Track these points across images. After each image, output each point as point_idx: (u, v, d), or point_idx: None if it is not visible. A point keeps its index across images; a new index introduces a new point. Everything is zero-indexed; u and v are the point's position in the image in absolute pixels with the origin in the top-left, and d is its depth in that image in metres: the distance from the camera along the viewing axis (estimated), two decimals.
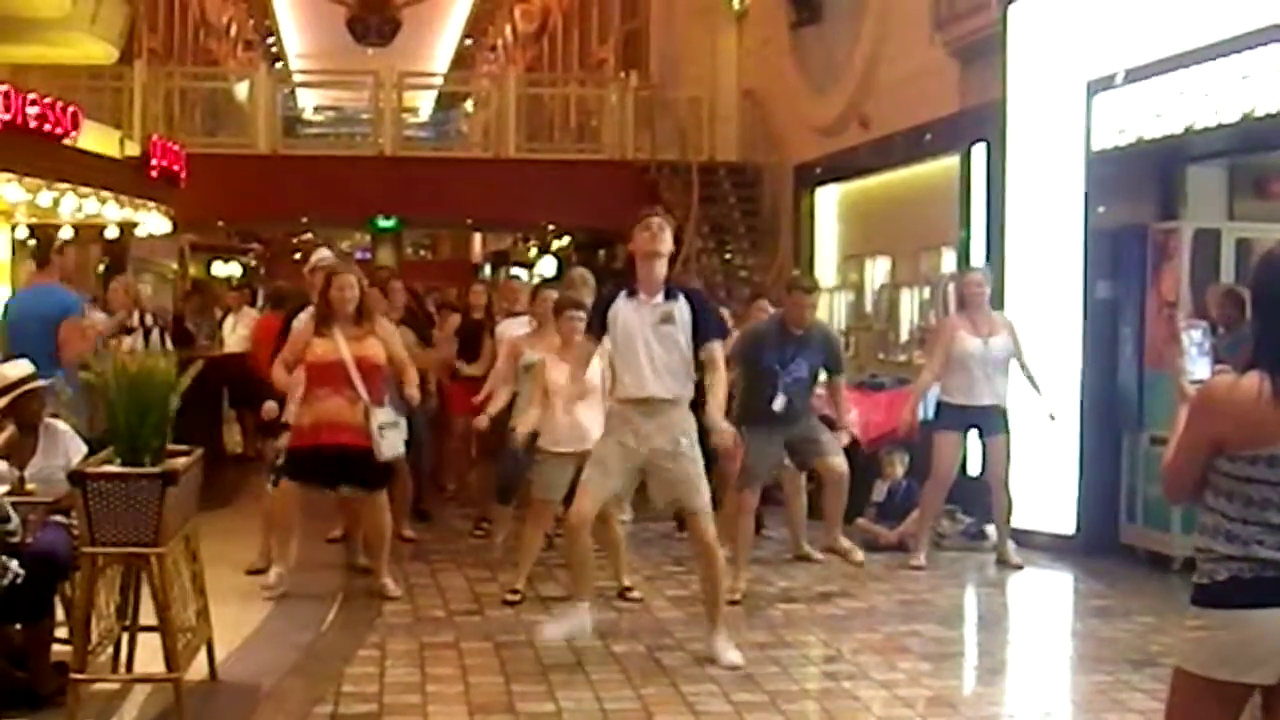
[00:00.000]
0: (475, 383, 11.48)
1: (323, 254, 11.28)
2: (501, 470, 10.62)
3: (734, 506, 10.05)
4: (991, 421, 10.94)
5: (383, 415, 9.31)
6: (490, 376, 10.89)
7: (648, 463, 7.92)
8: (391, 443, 9.37)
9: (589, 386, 8.74)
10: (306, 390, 9.33)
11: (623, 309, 7.94)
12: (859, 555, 9.96)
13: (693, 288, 8.54)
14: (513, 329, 11.21)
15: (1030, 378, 10.96)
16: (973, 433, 11.11)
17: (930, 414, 11.50)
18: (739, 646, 8.16)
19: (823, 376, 10.12)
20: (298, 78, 42.48)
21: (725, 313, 12.06)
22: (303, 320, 9.65)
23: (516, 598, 9.51)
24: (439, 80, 43.71)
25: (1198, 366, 4.40)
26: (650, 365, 7.84)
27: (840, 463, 9.98)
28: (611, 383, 8.34)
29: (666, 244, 7.98)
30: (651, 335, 7.86)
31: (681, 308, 7.93)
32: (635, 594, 9.65)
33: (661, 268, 7.96)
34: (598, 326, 8.09)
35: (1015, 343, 10.97)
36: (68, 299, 11.09)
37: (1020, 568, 10.92)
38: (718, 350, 8.10)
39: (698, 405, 8.07)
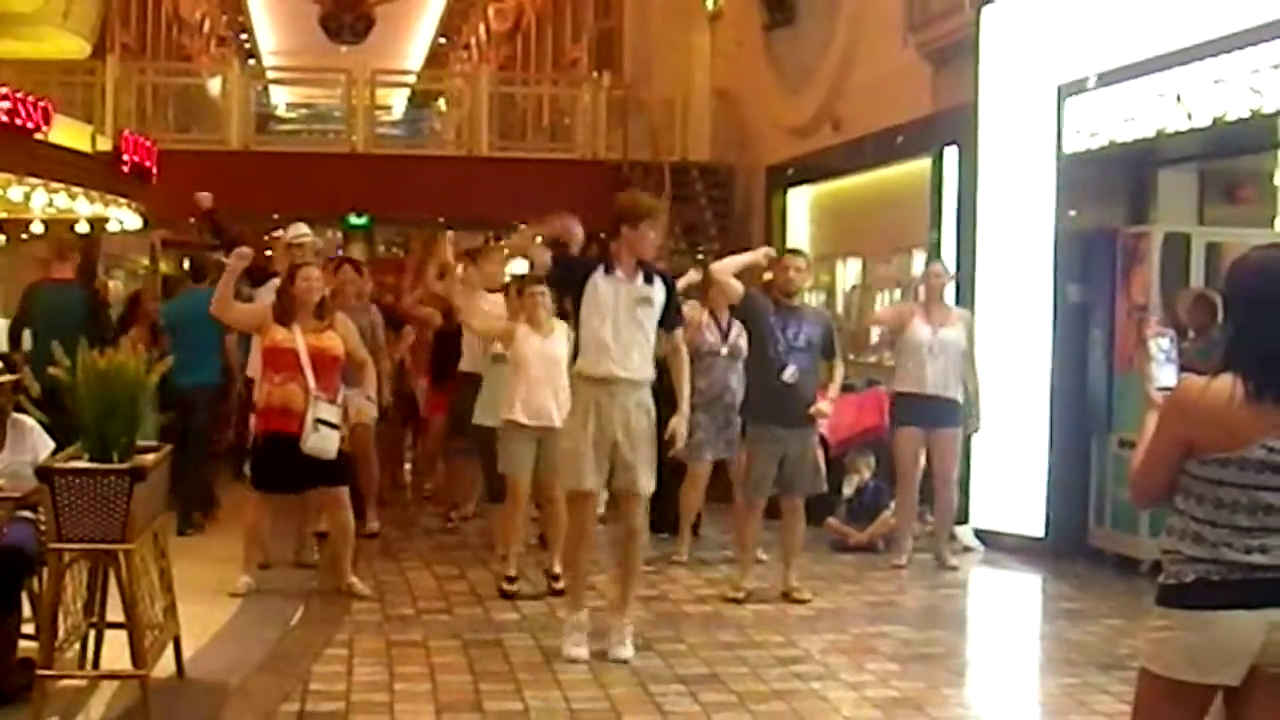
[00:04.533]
0: (451, 384, 11.42)
1: (300, 229, 11.14)
2: (487, 466, 10.55)
3: (741, 510, 10.05)
4: (943, 414, 10.94)
5: (325, 410, 9.18)
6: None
7: (611, 445, 7.96)
8: (324, 438, 9.16)
9: (553, 359, 8.70)
10: (263, 376, 9.40)
11: (601, 284, 7.94)
12: (808, 594, 9.89)
13: (664, 270, 8.42)
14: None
15: (972, 377, 10.99)
16: None
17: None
18: (709, 647, 8.21)
19: None
20: (271, 74, 42.33)
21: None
22: (267, 302, 9.67)
23: (513, 586, 9.51)
24: (412, 78, 43.60)
25: (1164, 374, 4.41)
26: (620, 344, 7.88)
27: (800, 502, 9.94)
28: (572, 357, 8.29)
29: None
30: (625, 315, 7.90)
31: (658, 291, 8.00)
32: (560, 585, 9.63)
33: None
34: (562, 279, 8.19)
35: (968, 337, 10.99)
36: None
37: (955, 569, 10.95)
38: (680, 337, 8.27)
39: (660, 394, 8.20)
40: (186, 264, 21.80)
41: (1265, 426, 4.07)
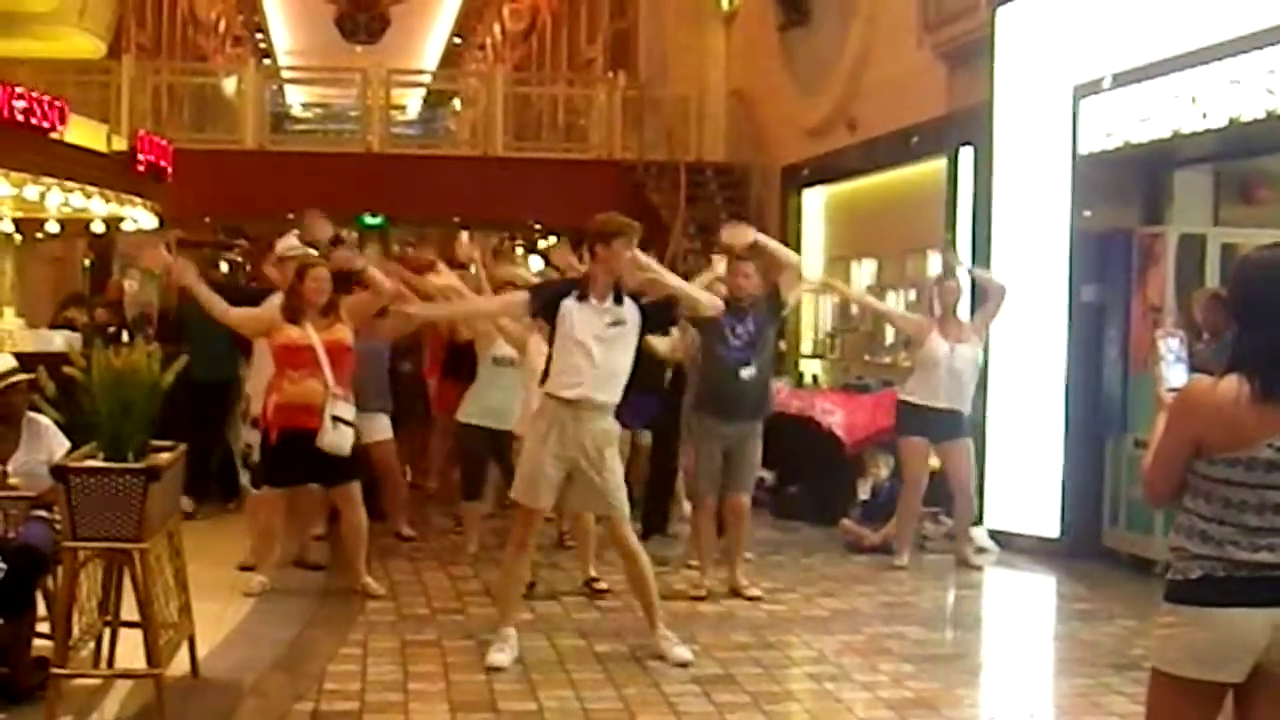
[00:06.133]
0: (462, 384, 11.39)
1: (290, 243, 11.16)
2: (465, 465, 10.64)
3: (693, 511, 10.14)
4: (951, 426, 10.96)
5: (341, 408, 9.23)
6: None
7: (572, 466, 7.94)
8: (341, 435, 9.22)
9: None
10: (278, 374, 9.35)
11: (575, 310, 7.89)
12: (756, 590, 9.86)
13: (633, 293, 8.31)
14: None
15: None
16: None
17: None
18: (722, 647, 8.21)
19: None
20: (286, 74, 42.36)
21: None
22: (273, 302, 9.71)
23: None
24: (427, 78, 43.67)
25: (1174, 374, 4.41)
26: (592, 368, 7.85)
27: (747, 500, 9.95)
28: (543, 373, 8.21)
29: None
30: (600, 338, 7.87)
31: (631, 310, 7.99)
32: (601, 585, 9.67)
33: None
34: (541, 310, 8.12)
35: (984, 327, 11.13)
36: None
37: (980, 568, 10.96)
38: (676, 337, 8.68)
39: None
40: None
41: (1272, 426, 4.07)
